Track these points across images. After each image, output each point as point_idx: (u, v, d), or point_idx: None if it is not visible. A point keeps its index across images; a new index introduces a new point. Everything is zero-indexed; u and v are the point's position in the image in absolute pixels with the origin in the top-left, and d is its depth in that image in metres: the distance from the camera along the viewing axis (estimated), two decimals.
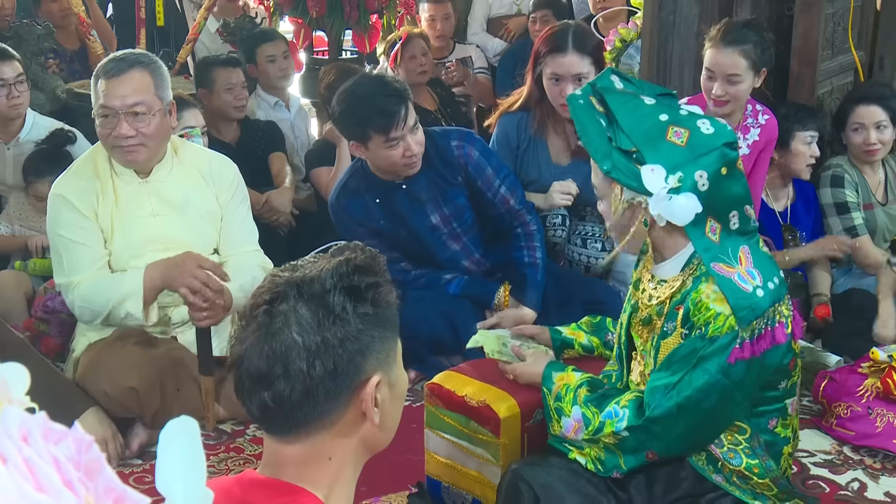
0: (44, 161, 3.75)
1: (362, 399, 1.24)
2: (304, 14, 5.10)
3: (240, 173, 3.10)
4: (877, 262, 3.57)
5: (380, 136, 3.02)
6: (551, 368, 2.22)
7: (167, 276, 2.76)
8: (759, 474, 2.05)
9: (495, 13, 5.72)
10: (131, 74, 2.78)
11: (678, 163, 1.94)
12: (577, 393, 2.11)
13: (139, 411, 2.78)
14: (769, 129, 3.37)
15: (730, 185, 1.97)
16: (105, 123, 2.79)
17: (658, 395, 2.00)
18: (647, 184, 1.95)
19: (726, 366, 1.94)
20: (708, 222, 1.98)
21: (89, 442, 0.66)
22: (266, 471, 1.26)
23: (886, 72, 4.18)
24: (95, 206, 2.86)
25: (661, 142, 1.96)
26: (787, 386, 2.07)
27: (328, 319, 1.20)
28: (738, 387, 1.96)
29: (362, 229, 3.23)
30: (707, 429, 2.03)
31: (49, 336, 3.33)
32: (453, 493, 2.40)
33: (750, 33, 3.20)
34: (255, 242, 3.10)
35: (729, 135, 1.98)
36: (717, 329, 1.94)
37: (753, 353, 1.95)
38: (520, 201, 3.30)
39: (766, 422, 2.08)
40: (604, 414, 2.05)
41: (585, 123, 2.04)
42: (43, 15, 5.22)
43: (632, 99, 2.04)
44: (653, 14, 3.89)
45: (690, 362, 1.97)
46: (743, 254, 2.00)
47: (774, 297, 1.98)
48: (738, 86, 3.20)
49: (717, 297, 1.95)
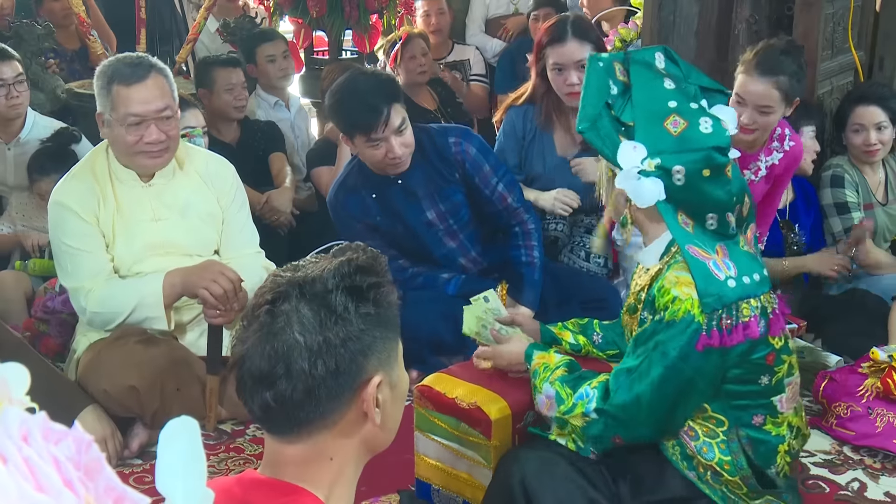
0: (48, 159, 3.75)
1: (364, 399, 1.24)
2: (304, 14, 5.09)
3: (237, 174, 3.11)
4: (878, 261, 3.57)
5: (362, 135, 3.02)
6: (533, 348, 2.28)
7: (188, 282, 2.77)
8: (729, 471, 2.06)
9: (493, 13, 5.72)
10: (153, 79, 2.77)
11: (662, 150, 1.96)
12: (555, 372, 2.15)
13: (139, 410, 2.78)
14: (792, 156, 3.25)
15: (711, 187, 1.97)
16: (134, 131, 2.76)
17: (621, 378, 2.04)
18: (620, 157, 1.98)
19: (687, 351, 1.95)
20: (679, 215, 1.99)
21: (89, 442, 0.66)
22: (267, 471, 1.26)
23: (886, 72, 4.18)
24: (97, 212, 2.85)
25: (657, 125, 1.98)
26: (772, 382, 2.06)
27: (330, 319, 1.20)
28: (698, 374, 1.98)
29: (360, 225, 3.23)
30: (670, 415, 2.04)
31: (49, 336, 3.33)
32: (444, 496, 2.40)
33: (787, 62, 3.00)
34: (257, 245, 3.11)
35: (723, 140, 1.98)
36: (674, 313, 1.96)
37: (723, 343, 1.96)
38: (517, 199, 3.30)
39: (748, 416, 2.08)
40: (576, 395, 2.09)
41: (591, 83, 2.05)
42: (44, 14, 5.22)
43: (655, 78, 2.05)
44: (653, 14, 3.90)
45: (650, 346, 2.00)
46: (719, 248, 2.01)
47: (747, 292, 1.98)
48: (769, 117, 3.04)
49: (678, 280, 1.97)
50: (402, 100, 3.09)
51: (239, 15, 5.54)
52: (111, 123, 2.79)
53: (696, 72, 2.18)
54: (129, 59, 2.83)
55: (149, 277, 2.84)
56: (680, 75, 2.11)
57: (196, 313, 2.99)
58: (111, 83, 2.76)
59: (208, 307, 2.74)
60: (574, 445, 2.11)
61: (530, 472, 2.08)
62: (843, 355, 3.20)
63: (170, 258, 2.87)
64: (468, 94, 5.33)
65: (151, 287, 2.81)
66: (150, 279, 2.83)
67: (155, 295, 2.80)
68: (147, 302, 2.81)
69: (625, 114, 2.02)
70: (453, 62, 5.49)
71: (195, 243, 2.95)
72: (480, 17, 5.72)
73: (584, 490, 2.07)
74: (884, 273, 3.52)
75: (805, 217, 3.64)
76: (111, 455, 2.69)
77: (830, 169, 3.66)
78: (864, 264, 3.61)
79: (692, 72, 2.15)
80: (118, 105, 2.76)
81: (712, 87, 2.16)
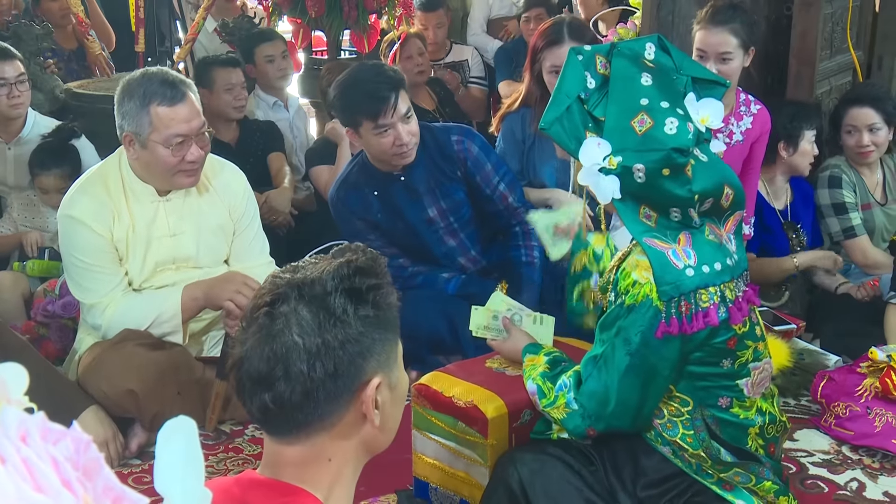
0: (49, 155, 3.76)
1: (363, 401, 1.23)
2: (302, 14, 5.09)
3: (248, 184, 3.09)
4: (876, 261, 3.58)
5: (370, 121, 3.02)
6: (527, 350, 2.31)
7: (211, 295, 2.77)
8: (692, 444, 2.08)
9: (495, 14, 5.72)
10: (189, 96, 2.74)
11: (624, 148, 1.97)
12: (537, 368, 2.21)
13: (137, 414, 2.78)
14: (762, 120, 3.37)
15: (671, 185, 1.98)
16: (178, 151, 2.72)
17: (589, 366, 2.08)
18: (582, 153, 2.00)
19: (648, 337, 1.97)
20: (641, 209, 2.01)
21: (88, 442, 0.66)
22: (266, 471, 1.26)
23: (885, 72, 4.19)
24: (111, 226, 2.81)
25: (624, 123, 1.99)
26: (734, 366, 2.08)
27: (329, 321, 1.20)
28: (661, 360, 2.00)
29: (360, 222, 3.24)
30: (641, 403, 2.06)
31: (49, 340, 3.33)
32: (441, 494, 2.40)
33: (737, 13, 3.25)
34: (267, 255, 3.10)
35: (683, 142, 1.98)
36: (634, 297, 1.99)
37: (682, 331, 1.97)
38: (518, 199, 3.31)
39: (713, 398, 2.09)
40: (557, 386, 2.13)
41: (566, 75, 2.06)
42: (41, 14, 5.21)
43: (635, 73, 2.04)
44: (651, 13, 3.90)
45: (612, 332, 2.03)
46: (683, 236, 2.02)
47: (705, 281, 1.99)
48: (730, 63, 3.21)
49: (638, 264, 2.00)
50: (407, 89, 3.10)
51: (237, 15, 5.54)
52: (148, 144, 2.72)
53: (689, 61, 2.16)
54: (160, 77, 2.74)
55: (166, 292, 2.83)
56: (671, 66, 2.09)
57: (203, 325, 2.99)
58: (148, 104, 2.69)
59: (232, 318, 2.71)
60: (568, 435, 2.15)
61: (526, 474, 2.09)
62: (841, 355, 3.20)
63: (180, 273, 2.88)
64: (466, 97, 5.33)
65: (169, 302, 2.80)
66: (167, 293, 2.83)
67: (173, 309, 2.80)
68: (165, 317, 2.81)
69: (598, 108, 2.03)
70: (452, 62, 5.49)
71: (207, 256, 2.95)
72: (482, 17, 5.71)
73: (581, 491, 2.08)
74: (881, 273, 3.53)
75: (805, 216, 3.64)
76: (112, 457, 2.68)
77: (828, 169, 3.66)
78: (863, 265, 3.62)
79: (685, 61, 2.14)
80: (160, 126, 2.69)
81: (706, 77, 2.15)
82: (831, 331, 3.39)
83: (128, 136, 2.75)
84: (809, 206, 3.66)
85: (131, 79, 2.77)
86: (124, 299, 2.82)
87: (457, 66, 5.46)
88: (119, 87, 2.78)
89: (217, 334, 3.00)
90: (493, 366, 2.49)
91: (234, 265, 3.00)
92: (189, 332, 2.92)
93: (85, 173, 3.00)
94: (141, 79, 2.74)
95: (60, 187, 3.70)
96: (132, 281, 2.87)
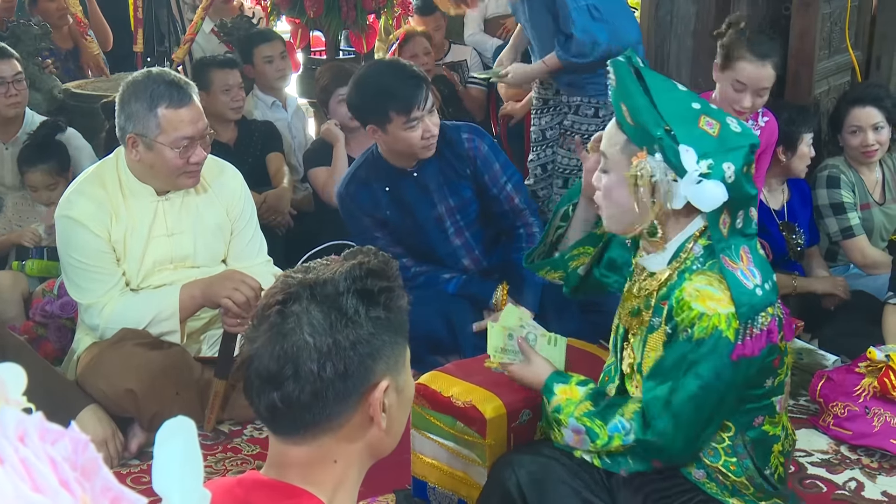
0: (34, 151, 3.75)
1: (370, 403, 1.23)
2: (301, 14, 5.08)
3: (245, 184, 3.09)
4: (874, 261, 3.58)
5: (401, 116, 3.04)
6: (553, 379, 2.15)
7: (209, 293, 2.77)
8: (735, 472, 2.05)
9: (492, 13, 5.71)
10: (194, 99, 2.75)
11: (708, 150, 1.91)
12: (579, 406, 2.07)
13: (136, 414, 2.78)
14: (770, 131, 3.36)
15: (748, 184, 1.96)
16: (183, 152, 2.73)
17: (658, 407, 1.98)
18: (685, 162, 1.90)
19: (721, 368, 1.92)
20: (723, 215, 1.96)
21: (86, 442, 0.66)
22: (271, 472, 1.26)
23: (883, 72, 4.19)
24: (109, 227, 2.82)
25: (693, 127, 1.93)
26: (774, 384, 2.06)
27: (340, 322, 1.20)
28: (729, 388, 1.96)
29: (368, 219, 3.25)
30: (704, 434, 2.03)
31: (47, 340, 3.32)
32: (440, 494, 2.41)
33: (774, 43, 3.20)
34: (265, 254, 3.11)
35: (754, 138, 1.97)
36: (703, 331, 1.91)
37: (753, 352, 1.94)
38: (524, 200, 3.32)
39: (751, 419, 2.07)
40: (610, 427, 2.02)
41: (632, 89, 1.98)
42: (38, 14, 5.21)
43: (666, 80, 2.03)
44: (650, 13, 3.91)
45: (682, 368, 1.95)
46: (744, 252, 1.99)
47: (769, 299, 1.97)
48: (764, 98, 3.21)
49: (699, 294, 1.93)
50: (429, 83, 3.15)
51: (235, 15, 5.53)
52: (154, 146, 2.72)
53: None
54: (166, 79, 2.73)
55: (163, 291, 2.83)
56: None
57: (202, 324, 2.99)
58: (155, 106, 2.69)
59: (230, 316, 2.72)
60: (600, 462, 2.07)
61: (525, 476, 2.07)
62: (840, 355, 3.20)
63: (179, 272, 2.88)
64: (465, 97, 5.33)
65: (167, 300, 2.81)
66: (164, 293, 2.83)
67: (171, 308, 2.80)
68: (163, 316, 2.81)
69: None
70: (451, 63, 5.49)
71: (205, 256, 2.95)
72: (480, 17, 5.71)
73: (579, 493, 2.06)
74: (880, 273, 3.53)
75: (802, 215, 3.64)
76: (112, 456, 2.68)
77: (826, 169, 3.65)
78: (863, 265, 3.62)
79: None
80: (168, 129, 2.70)
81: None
82: (830, 331, 3.39)
83: (132, 138, 2.74)
84: (807, 206, 3.66)
85: (135, 80, 2.76)
86: (122, 298, 2.82)
87: (455, 67, 5.45)
88: (122, 88, 2.77)
89: (216, 333, 3.00)
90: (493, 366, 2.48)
91: (231, 265, 3.00)
92: (187, 330, 2.92)
93: (82, 174, 3.00)
94: (146, 80, 2.73)
95: (48, 183, 3.71)
96: (130, 280, 2.87)
